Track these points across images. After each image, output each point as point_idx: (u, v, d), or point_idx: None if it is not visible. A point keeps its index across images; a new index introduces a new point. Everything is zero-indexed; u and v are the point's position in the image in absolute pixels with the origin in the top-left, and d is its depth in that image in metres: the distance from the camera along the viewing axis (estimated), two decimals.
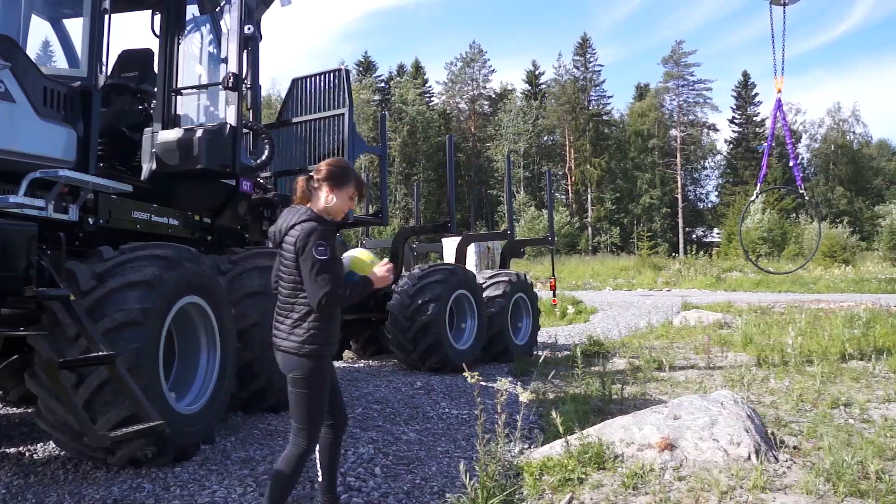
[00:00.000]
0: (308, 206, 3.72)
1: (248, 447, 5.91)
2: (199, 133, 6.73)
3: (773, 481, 5.11)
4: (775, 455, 5.64)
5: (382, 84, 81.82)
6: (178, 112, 7.09)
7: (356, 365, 11.02)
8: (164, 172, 6.78)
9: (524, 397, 4.66)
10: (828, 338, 11.79)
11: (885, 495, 4.76)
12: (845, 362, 10.22)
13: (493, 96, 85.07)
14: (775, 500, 4.75)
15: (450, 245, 14.40)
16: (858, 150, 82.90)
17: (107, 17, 5.83)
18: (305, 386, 3.63)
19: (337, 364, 11.01)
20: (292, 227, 3.56)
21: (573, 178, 76.79)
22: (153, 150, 6.79)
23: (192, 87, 7.28)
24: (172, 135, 6.77)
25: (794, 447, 5.98)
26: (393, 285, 10.48)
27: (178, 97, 7.13)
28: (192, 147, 6.68)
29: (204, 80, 7.42)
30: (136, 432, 4.52)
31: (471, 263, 15.56)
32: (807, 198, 12.62)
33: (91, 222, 5.74)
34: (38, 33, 7.08)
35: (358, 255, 3.96)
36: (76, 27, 6.61)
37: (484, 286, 11.54)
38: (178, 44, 7.17)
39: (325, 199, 3.71)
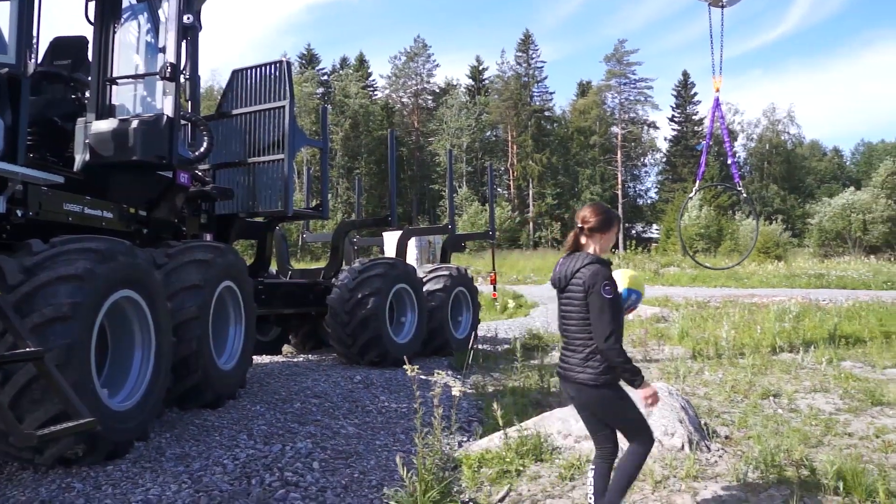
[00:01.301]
0: (585, 252, 3.97)
1: (184, 443, 5.82)
2: (135, 124, 6.60)
3: (705, 470, 5.25)
4: (707, 445, 5.79)
5: (325, 77, 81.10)
6: (113, 102, 6.92)
7: (295, 359, 10.93)
8: (99, 164, 6.63)
9: (456, 390, 4.70)
10: (760, 331, 12.12)
11: (808, 480, 4.96)
12: (776, 354, 10.53)
13: (437, 91, 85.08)
14: (706, 489, 4.88)
15: (391, 239, 14.36)
16: (792, 150, 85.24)
17: (36, 1, 5.66)
18: (614, 412, 3.92)
19: (276, 359, 10.91)
20: (578, 270, 3.83)
21: (515, 173, 77.27)
22: (87, 141, 6.63)
23: (128, 77, 7.12)
24: (107, 125, 6.62)
25: (726, 437, 6.15)
26: (333, 279, 10.44)
27: (114, 87, 6.97)
28: (128, 138, 6.54)
29: (141, 70, 7.26)
30: (65, 430, 4.40)
31: (411, 258, 15.56)
32: (743, 195, 12.93)
33: (20, 214, 5.57)
34: None
35: (633, 273, 4.38)
36: (3, 11, 6.40)
37: (424, 280, 11.55)
38: (114, 32, 7.01)
39: (598, 245, 3.98)
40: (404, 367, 4.88)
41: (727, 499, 4.72)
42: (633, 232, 78.83)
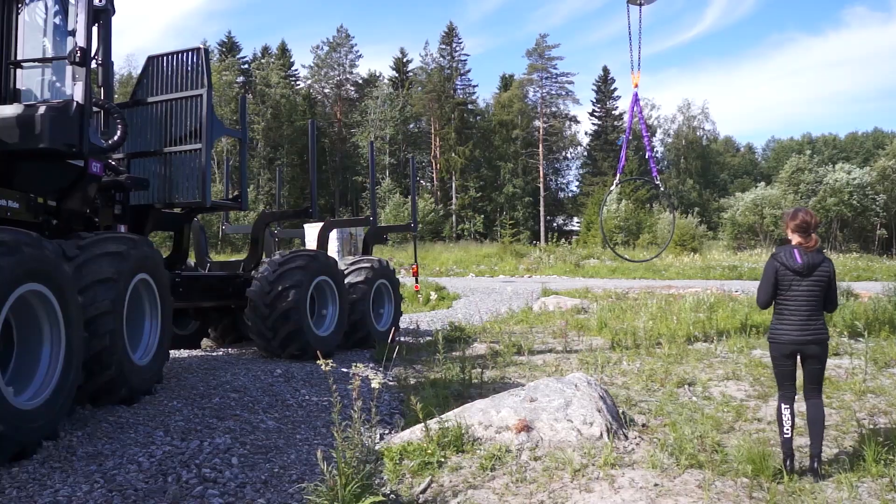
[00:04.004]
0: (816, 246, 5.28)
1: (97, 442, 5.63)
2: (42, 110, 6.34)
3: (623, 458, 5.36)
4: (625, 433, 5.91)
5: (246, 66, 79.54)
6: (18, 86, 6.64)
7: (214, 353, 10.71)
8: (3, 151, 6.34)
9: (376, 383, 4.67)
10: (676, 321, 12.42)
11: (720, 465, 5.13)
12: (691, 344, 10.81)
13: (360, 82, 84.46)
14: (624, 476, 4.99)
15: (312, 231, 14.21)
16: (707, 146, 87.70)
17: None
18: (826, 361, 5.24)
19: (194, 353, 10.67)
20: (823, 262, 5.17)
21: (438, 165, 77.39)
22: None
23: (34, 61, 6.84)
24: (11, 111, 6.34)
25: (643, 425, 6.28)
26: (253, 271, 10.28)
27: (19, 70, 6.68)
28: (34, 125, 6.29)
29: (49, 54, 6.98)
30: None
31: (333, 250, 15.44)
32: (661, 189, 13.25)
33: None
34: None
35: None
36: None
37: (346, 272, 11.47)
38: (18, 12, 6.72)
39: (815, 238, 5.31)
40: (318, 362, 4.83)
41: (644, 485, 4.83)
42: (555, 225, 79.92)
